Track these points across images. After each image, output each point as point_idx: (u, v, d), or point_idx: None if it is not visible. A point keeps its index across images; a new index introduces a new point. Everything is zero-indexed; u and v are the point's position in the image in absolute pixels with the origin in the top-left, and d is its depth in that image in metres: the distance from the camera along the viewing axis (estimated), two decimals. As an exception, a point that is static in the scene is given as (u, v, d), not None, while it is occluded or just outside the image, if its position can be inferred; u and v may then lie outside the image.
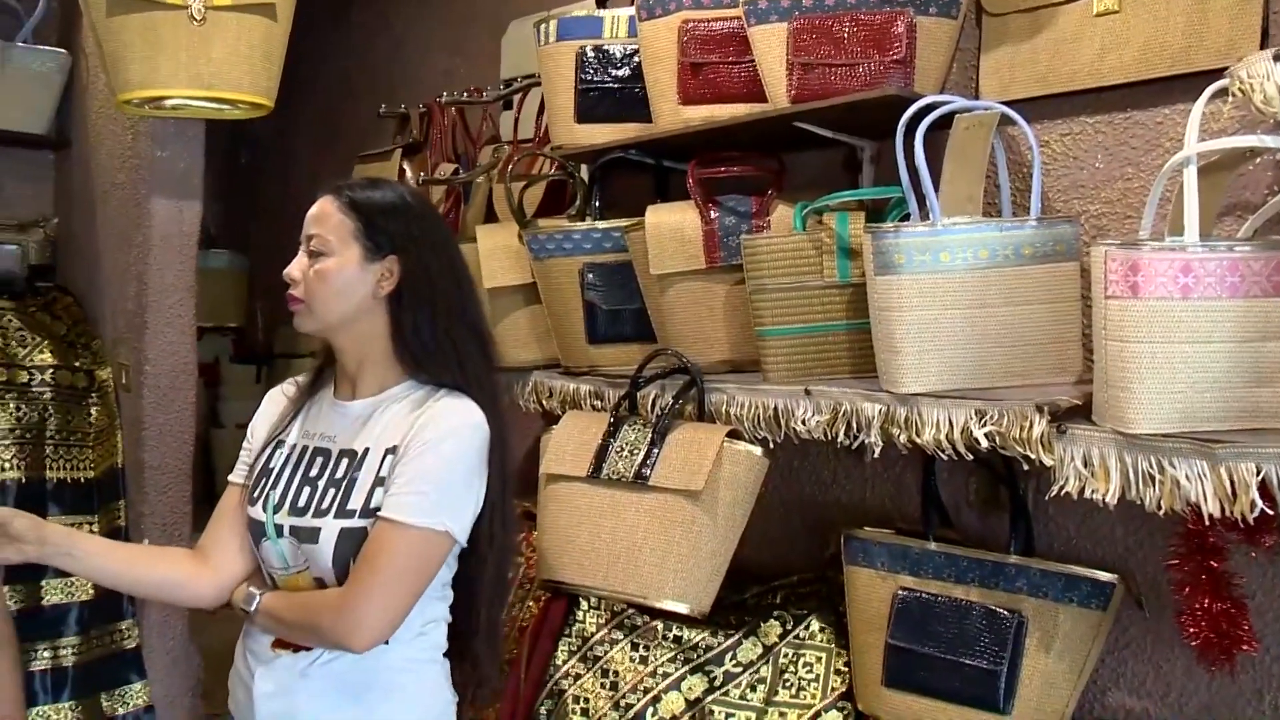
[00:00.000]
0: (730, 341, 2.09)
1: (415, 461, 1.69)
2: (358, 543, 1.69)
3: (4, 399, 3.12)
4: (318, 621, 1.67)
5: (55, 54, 3.64)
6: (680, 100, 2.16)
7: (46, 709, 3.03)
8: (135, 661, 3.18)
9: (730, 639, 1.98)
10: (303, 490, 1.77)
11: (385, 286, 1.78)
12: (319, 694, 1.72)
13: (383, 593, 1.65)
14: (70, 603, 3.12)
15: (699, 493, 1.93)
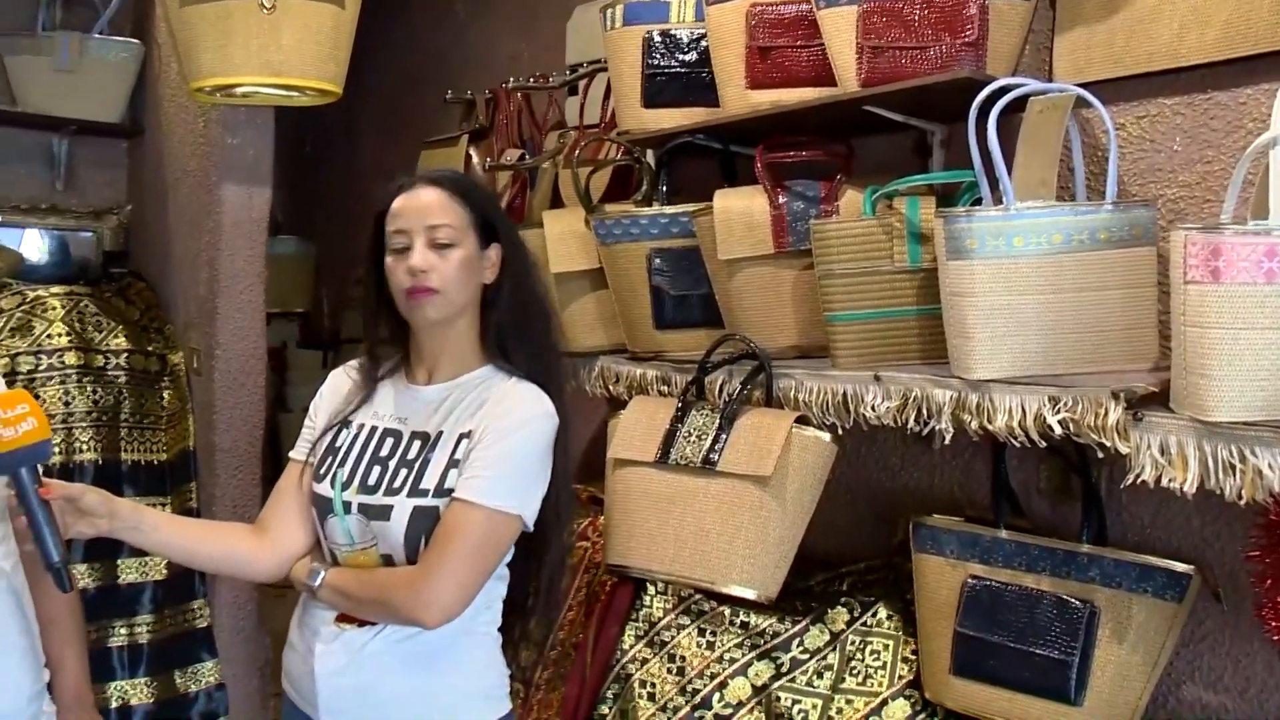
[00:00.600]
0: (798, 327, 2.08)
1: (492, 447, 1.74)
2: (431, 521, 1.74)
3: (81, 382, 3.18)
4: (391, 597, 1.71)
5: (129, 44, 3.70)
6: (748, 84, 2.15)
7: (124, 684, 3.10)
8: (207, 640, 3.24)
9: (797, 625, 1.97)
10: (372, 469, 1.81)
11: (490, 274, 1.85)
12: (384, 668, 1.76)
13: (457, 570, 1.69)
14: (145, 582, 3.19)
15: (767, 478, 1.93)
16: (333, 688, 1.78)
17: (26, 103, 3.68)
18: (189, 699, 3.20)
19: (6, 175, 3.75)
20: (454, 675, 1.80)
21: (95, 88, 3.69)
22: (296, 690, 1.86)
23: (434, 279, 1.79)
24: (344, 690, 1.78)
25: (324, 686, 1.78)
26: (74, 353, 3.20)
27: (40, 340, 3.19)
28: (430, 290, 1.79)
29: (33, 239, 3.79)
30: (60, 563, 1.62)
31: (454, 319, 1.85)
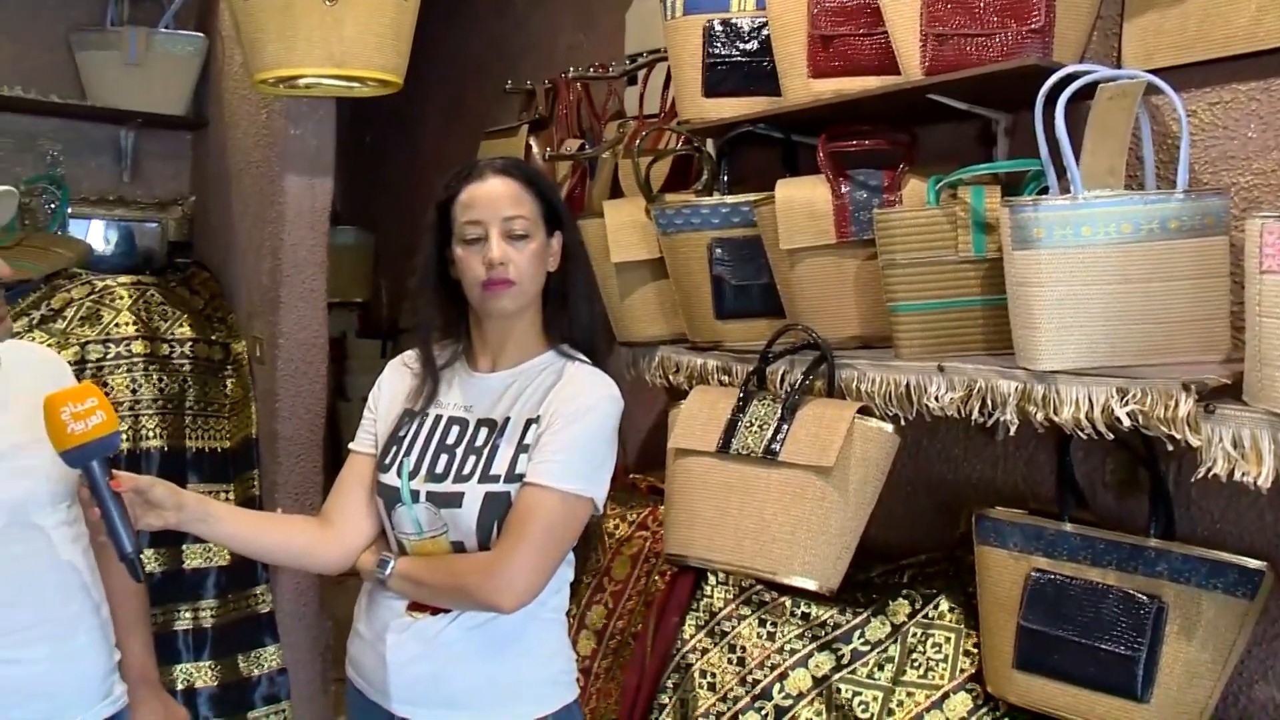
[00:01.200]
0: (861, 317, 2.07)
1: (561, 431, 1.75)
2: (502, 507, 1.75)
3: (148, 371, 3.24)
4: (466, 583, 1.72)
5: (194, 38, 3.77)
6: (810, 73, 2.14)
7: (189, 666, 3.16)
8: (269, 625, 3.29)
9: (858, 617, 1.97)
10: (439, 457, 1.81)
11: (553, 263, 1.87)
12: (458, 655, 1.77)
13: (531, 554, 1.70)
14: (209, 567, 3.24)
15: (829, 469, 1.92)
16: (407, 677, 1.79)
17: (96, 97, 3.76)
18: (252, 682, 3.26)
19: (77, 168, 3.83)
20: (526, 661, 1.81)
21: (161, 81, 3.76)
22: (365, 679, 1.86)
23: (511, 271, 1.80)
24: (418, 679, 1.79)
25: (397, 676, 1.79)
26: (141, 341, 3.26)
27: (108, 329, 3.25)
28: (508, 282, 1.80)
29: (101, 229, 3.87)
30: (133, 554, 1.65)
31: (525, 309, 1.86)
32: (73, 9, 3.78)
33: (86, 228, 3.84)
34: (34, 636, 1.81)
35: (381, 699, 1.82)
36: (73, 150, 3.83)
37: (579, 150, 3.01)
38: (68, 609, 1.87)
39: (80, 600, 1.90)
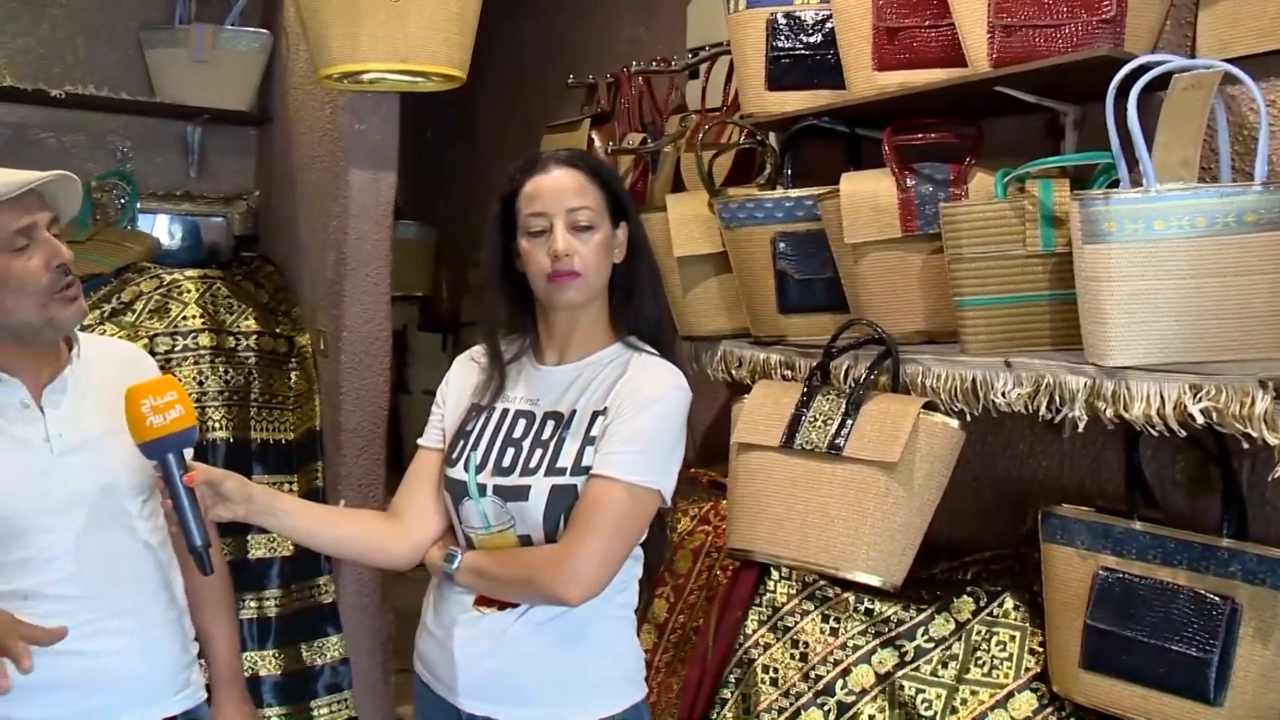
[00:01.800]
0: (926, 312, 2.05)
1: (629, 423, 1.74)
2: (569, 500, 1.74)
3: (214, 363, 3.29)
4: (533, 575, 1.72)
5: (259, 35, 3.82)
6: (875, 66, 2.12)
7: (253, 655, 3.21)
8: (332, 616, 3.33)
9: (922, 614, 1.95)
10: (506, 451, 1.81)
11: (619, 255, 1.86)
12: (527, 651, 1.77)
13: (599, 546, 1.70)
14: (273, 558, 3.29)
15: (894, 464, 1.91)
16: (474, 672, 1.79)
17: (164, 94, 3.82)
18: (314, 671, 3.30)
19: (145, 164, 3.90)
20: (593, 658, 1.80)
21: (227, 77, 3.82)
22: (433, 674, 1.86)
23: (576, 262, 1.79)
24: (486, 674, 1.79)
25: (465, 671, 1.80)
26: (207, 334, 3.31)
27: (176, 322, 3.30)
28: (573, 274, 1.79)
29: (168, 224, 3.94)
30: (202, 546, 1.67)
31: (591, 301, 1.85)
32: (143, 7, 3.85)
33: (153, 222, 3.92)
34: (111, 627, 1.85)
35: (449, 694, 1.82)
36: (141, 147, 3.91)
37: (641, 144, 3.01)
38: (145, 599, 1.91)
39: (157, 592, 1.94)
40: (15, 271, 1.77)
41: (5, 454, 1.81)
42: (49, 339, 1.87)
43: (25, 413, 1.84)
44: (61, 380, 1.88)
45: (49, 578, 1.81)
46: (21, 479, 1.80)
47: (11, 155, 3.59)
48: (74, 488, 1.84)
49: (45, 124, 3.74)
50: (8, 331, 1.81)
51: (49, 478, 1.82)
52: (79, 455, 1.85)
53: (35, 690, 1.78)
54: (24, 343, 1.83)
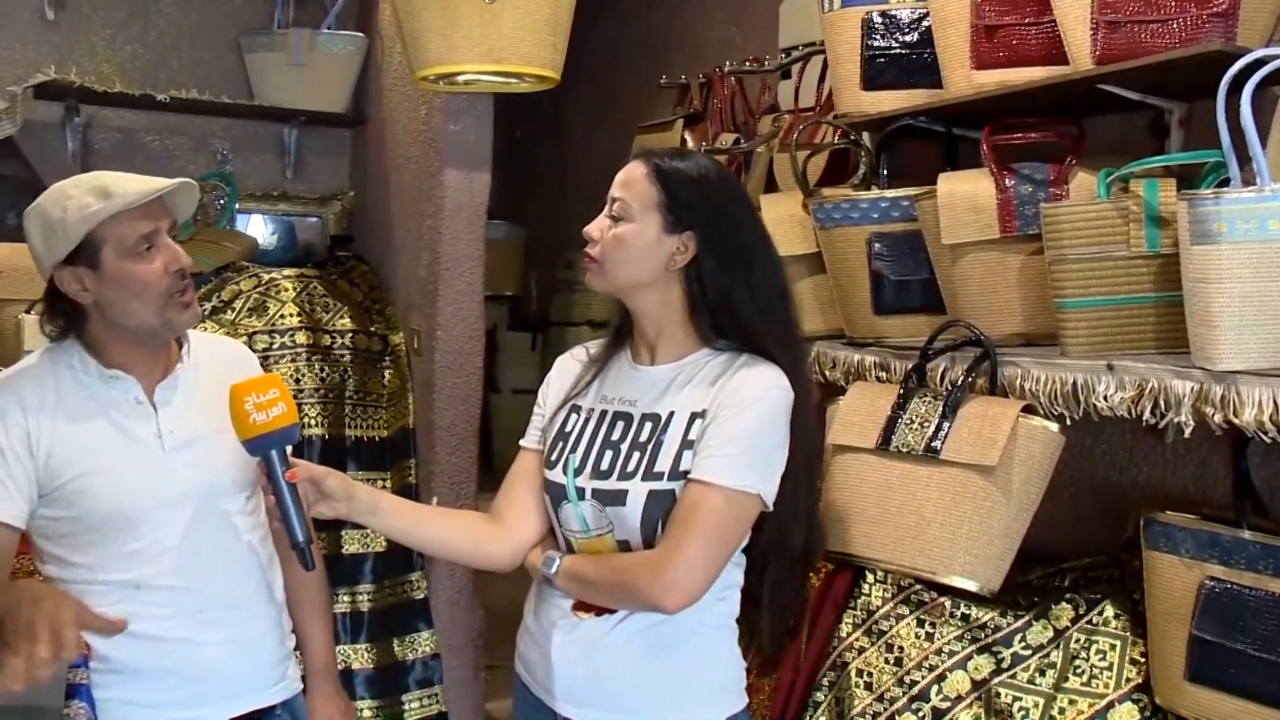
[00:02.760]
0: (1025, 313, 2.02)
1: (726, 425, 1.71)
2: (667, 504, 1.72)
3: (310, 361, 3.35)
4: (631, 581, 1.70)
5: (354, 37, 3.89)
6: (973, 65, 2.10)
7: (346, 648, 3.26)
8: (424, 611, 3.38)
9: (1019, 620, 1.92)
10: (604, 453, 1.79)
11: (679, 260, 1.78)
12: (623, 659, 1.76)
13: (697, 553, 1.66)
14: (366, 553, 3.35)
15: (992, 468, 1.88)
16: (571, 677, 1.79)
17: (262, 96, 3.91)
18: (406, 666, 3.35)
19: (243, 165, 3.99)
20: (691, 667, 1.78)
21: (323, 80, 3.89)
22: (532, 676, 1.87)
23: (595, 248, 1.80)
24: (582, 680, 1.78)
25: (561, 676, 1.79)
26: (304, 332, 3.38)
27: (274, 320, 3.37)
28: (591, 259, 1.81)
29: (264, 224, 4.03)
30: (304, 542, 1.70)
31: (633, 295, 1.81)
32: (244, 13, 3.95)
33: (249, 222, 4.01)
34: (213, 619, 1.91)
35: (546, 697, 1.82)
36: (240, 148, 4.00)
37: (734, 145, 3.01)
38: (246, 594, 1.97)
39: (258, 586, 1.99)
40: (138, 275, 1.83)
41: (121, 449, 1.87)
42: (163, 340, 1.93)
43: (139, 409, 1.90)
44: (173, 378, 1.93)
45: (158, 569, 1.87)
46: (136, 473, 1.87)
47: (120, 158, 3.70)
48: (182, 484, 1.89)
49: (150, 127, 3.86)
50: (126, 331, 1.88)
51: (160, 473, 1.88)
52: (187, 452, 1.91)
53: (145, 675, 1.86)
54: (140, 342, 1.90)
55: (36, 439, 1.82)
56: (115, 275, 1.82)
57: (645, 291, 1.81)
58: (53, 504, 1.84)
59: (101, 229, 1.80)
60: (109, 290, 1.83)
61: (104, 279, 1.83)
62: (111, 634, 1.73)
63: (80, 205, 1.80)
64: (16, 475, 1.81)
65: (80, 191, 1.82)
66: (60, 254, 1.81)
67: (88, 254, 1.81)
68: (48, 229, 1.82)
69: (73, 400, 1.87)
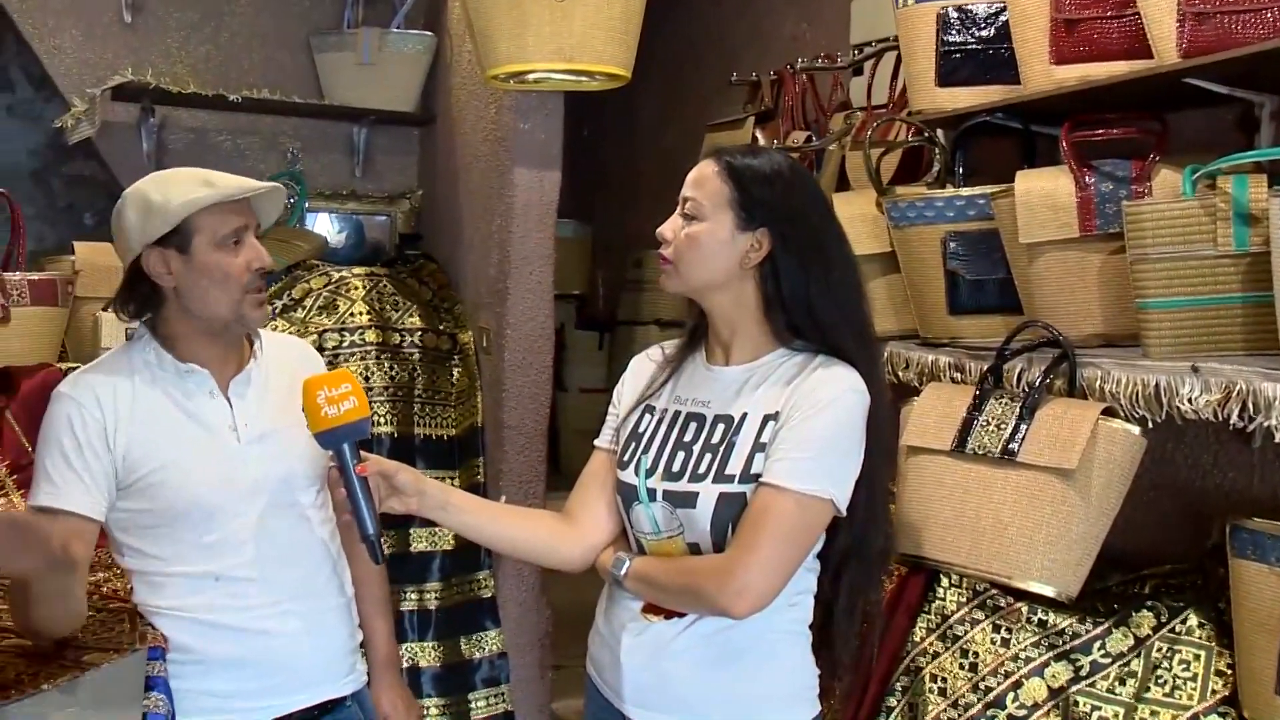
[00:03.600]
0: (1105, 314, 2.00)
1: (798, 428, 1.69)
2: (737, 508, 1.71)
3: (380, 359, 3.39)
4: (700, 586, 1.69)
5: (423, 37, 3.92)
6: (1052, 59, 2.07)
7: (414, 646, 3.30)
8: (491, 610, 3.40)
9: (1099, 627, 1.89)
10: (676, 455, 1.78)
11: (753, 258, 1.76)
12: (691, 663, 1.75)
13: (767, 558, 1.65)
14: (434, 551, 3.38)
15: (1071, 471, 1.86)
16: (639, 680, 1.78)
17: (332, 95, 3.97)
18: (473, 665, 3.37)
19: (313, 163, 4.05)
20: (762, 674, 1.77)
21: (392, 79, 3.93)
22: (602, 677, 1.87)
23: (668, 248, 1.80)
24: (651, 683, 1.78)
25: (630, 678, 1.79)
26: (373, 330, 3.41)
27: (344, 318, 3.41)
28: (665, 260, 1.81)
29: (333, 223, 4.08)
30: (374, 536, 1.72)
31: (709, 295, 1.80)
32: (314, 13, 4.00)
33: (317, 220, 4.06)
34: (286, 610, 1.94)
35: (615, 699, 1.82)
36: (310, 147, 4.06)
37: (805, 142, 3.00)
38: (317, 586, 2.00)
39: (329, 579, 2.02)
40: (224, 265, 1.88)
41: (197, 442, 1.91)
42: (234, 334, 1.97)
43: (214, 403, 1.94)
44: (246, 373, 1.98)
45: (236, 560, 1.91)
46: (213, 466, 1.91)
47: (193, 157, 3.77)
48: (257, 476, 1.93)
49: (222, 127, 3.92)
50: (201, 321, 1.92)
51: (236, 465, 1.92)
52: (261, 446, 1.95)
53: (223, 666, 1.90)
54: (213, 335, 1.94)
55: (114, 433, 1.87)
56: (202, 262, 1.88)
57: (719, 291, 1.80)
58: (131, 497, 1.89)
59: (199, 216, 1.86)
60: (192, 276, 1.88)
61: (191, 264, 1.88)
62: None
63: (184, 190, 1.87)
64: (94, 469, 1.85)
65: (183, 179, 1.90)
66: (155, 234, 1.86)
67: (181, 238, 1.87)
68: (146, 209, 1.87)
69: (149, 394, 1.91)
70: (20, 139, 4.32)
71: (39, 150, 4.32)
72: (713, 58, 4.20)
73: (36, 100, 4.28)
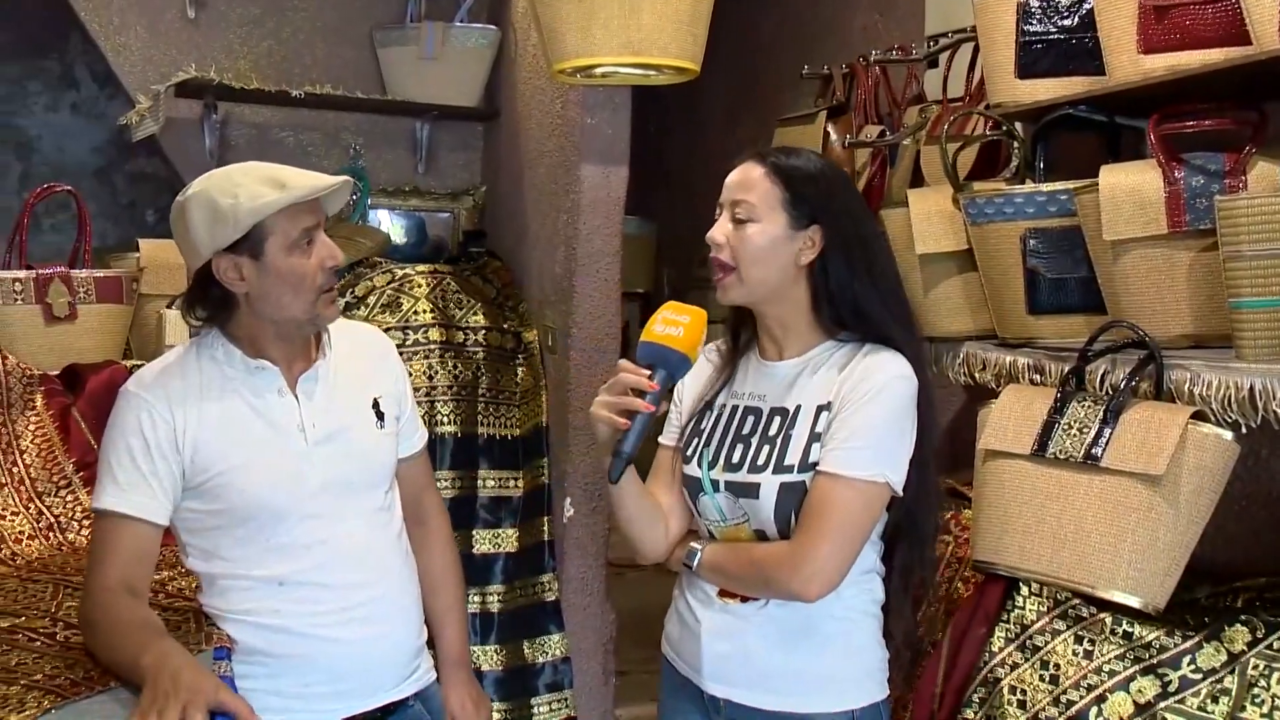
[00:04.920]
0: (1194, 314, 1.97)
1: (852, 416, 1.80)
2: (798, 496, 1.82)
3: (443, 358, 3.41)
4: (770, 574, 1.81)
5: (487, 30, 3.94)
6: (1140, 48, 2.05)
7: (475, 649, 3.31)
8: (554, 614, 3.40)
9: (1189, 641, 1.85)
10: (736, 447, 1.90)
11: (806, 256, 1.86)
12: (768, 642, 1.87)
13: (831, 544, 1.77)
14: (497, 553, 3.39)
15: (1159, 478, 1.83)
16: (717, 657, 1.90)
17: (395, 91, 4.01)
18: (536, 669, 3.38)
19: (375, 159, 4.09)
20: (831, 653, 1.88)
21: (455, 74, 3.96)
22: (679, 655, 1.98)
23: (725, 253, 1.86)
24: (728, 659, 1.89)
25: (709, 656, 1.91)
26: (437, 329, 3.44)
27: (407, 316, 3.44)
28: (725, 267, 1.87)
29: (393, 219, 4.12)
30: (628, 455, 1.75)
31: (770, 299, 1.89)
32: (377, 8, 4.05)
33: (378, 217, 4.10)
34: (356, 616, 1.96)
35: (694, 675, 1.94)
36: (372, 143, 4.10)
37: (879, 137, 2.98)
38: (385, 589, 2.02)
39: (397, 579, 2.05)
40: (298, 269, 1.89)
41: (266, 442, 1.93)
42: (307, 334, 1.99)
43: (282, 400, 1.96)
44: (314, 370, 2.00)
45: (303, 565, 1.93)
46: (281, 466, 1.93)
47: (255, 153, 3.79)
48: (324, 476, 1.95)
49: (284, 123, 3.98)
50: (273, 324, 1.94)
51: (303, 466, 1.95)
52: (328, 446, 1.97)
53: (289, 670, 1.92)
54: (284, 335, 1.96)
55: (182, 433, 1.89)
56: (276, 267, 1.88)
57: (779, 293, 1.89)
58: (198, 497, 1.91)
59: (270, 220, 1.86)
60: (266, 281, 1.89)
61: (264, 270, 1.88)
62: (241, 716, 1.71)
63: (253, 194, 1.84)
64: (161, 472, 1.88)
65: (251, 180, 1.87)
66: (225, 241, 1.86)
67: (252, 243, 1.87)
68: (215, 215, 1.85)
69: (217, 392, 1.93)
70: (85, 137, 4.43)
71: (103, 148, 4.43)
72: (782, 51, 4.18)
73: (100, 98, 4.40)
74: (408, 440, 2.16)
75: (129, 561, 1.87)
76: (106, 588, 1.85)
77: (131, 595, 1.85)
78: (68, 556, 2.50)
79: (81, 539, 2.58)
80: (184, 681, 1.64)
